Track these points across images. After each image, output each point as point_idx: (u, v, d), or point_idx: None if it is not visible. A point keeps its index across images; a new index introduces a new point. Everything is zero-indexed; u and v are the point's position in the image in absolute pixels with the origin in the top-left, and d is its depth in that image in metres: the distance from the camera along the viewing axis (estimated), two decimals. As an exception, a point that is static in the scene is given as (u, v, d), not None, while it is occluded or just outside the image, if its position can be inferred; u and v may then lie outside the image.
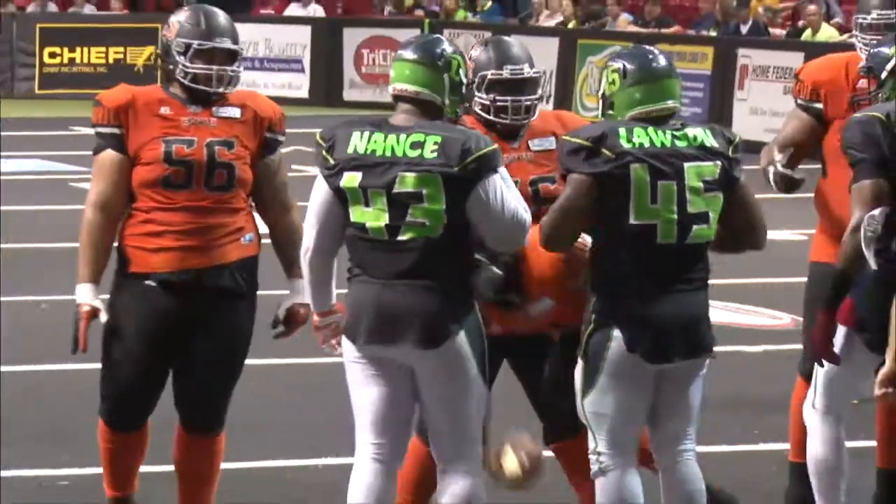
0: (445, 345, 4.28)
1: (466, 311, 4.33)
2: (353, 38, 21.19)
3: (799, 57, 12.80)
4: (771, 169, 5.34)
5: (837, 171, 5.05)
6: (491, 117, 4.60)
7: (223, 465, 5.09)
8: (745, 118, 15.40)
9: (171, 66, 4.76)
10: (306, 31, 21.47)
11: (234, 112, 4.77)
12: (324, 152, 4.29)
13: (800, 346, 5.66)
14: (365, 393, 4.37)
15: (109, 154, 4.63)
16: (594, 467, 4.46)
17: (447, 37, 9.05)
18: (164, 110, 4.70)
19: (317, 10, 21.77)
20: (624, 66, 4.45)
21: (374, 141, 4.25)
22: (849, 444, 5.02)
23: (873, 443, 5.45)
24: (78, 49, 21.94)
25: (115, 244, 4.75)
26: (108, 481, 4.89)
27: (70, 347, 4.64)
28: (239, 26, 5.44)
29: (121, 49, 21.81)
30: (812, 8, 16.92)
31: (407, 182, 4.20)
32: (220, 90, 4.72)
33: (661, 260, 4.40)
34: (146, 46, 20.81)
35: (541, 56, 14.46)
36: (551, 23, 19.00)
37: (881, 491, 5.37)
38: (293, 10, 22.26)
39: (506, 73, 4.60)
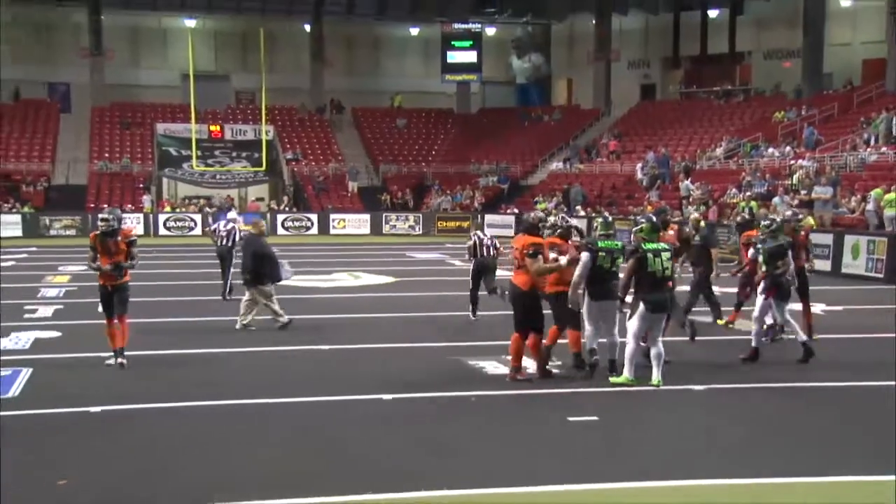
0: (615, 301, 11.11)
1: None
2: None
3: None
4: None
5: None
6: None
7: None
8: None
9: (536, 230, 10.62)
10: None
11: None
12: (590, 246, 10.84)
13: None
14: (594, 315, 11.06)
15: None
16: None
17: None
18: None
19: (477, 199, 42.52)
20: (650, 222, 10.91)
21: (607, 243, 11.15)
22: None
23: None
24: (453, 222, 41.70)
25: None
26: (514, 359, 10.41)
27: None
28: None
29: (443, 224, 42.14)
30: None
31: (618, 252, 11.12)
32: None
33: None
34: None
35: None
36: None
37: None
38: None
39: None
